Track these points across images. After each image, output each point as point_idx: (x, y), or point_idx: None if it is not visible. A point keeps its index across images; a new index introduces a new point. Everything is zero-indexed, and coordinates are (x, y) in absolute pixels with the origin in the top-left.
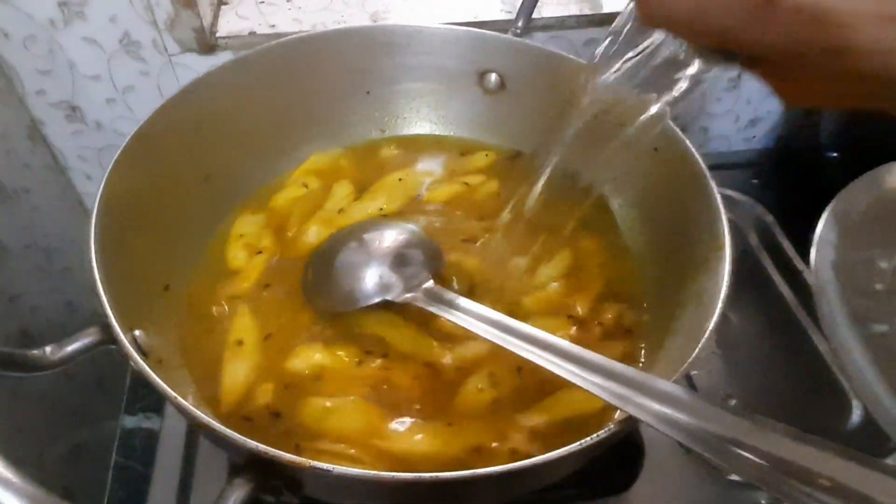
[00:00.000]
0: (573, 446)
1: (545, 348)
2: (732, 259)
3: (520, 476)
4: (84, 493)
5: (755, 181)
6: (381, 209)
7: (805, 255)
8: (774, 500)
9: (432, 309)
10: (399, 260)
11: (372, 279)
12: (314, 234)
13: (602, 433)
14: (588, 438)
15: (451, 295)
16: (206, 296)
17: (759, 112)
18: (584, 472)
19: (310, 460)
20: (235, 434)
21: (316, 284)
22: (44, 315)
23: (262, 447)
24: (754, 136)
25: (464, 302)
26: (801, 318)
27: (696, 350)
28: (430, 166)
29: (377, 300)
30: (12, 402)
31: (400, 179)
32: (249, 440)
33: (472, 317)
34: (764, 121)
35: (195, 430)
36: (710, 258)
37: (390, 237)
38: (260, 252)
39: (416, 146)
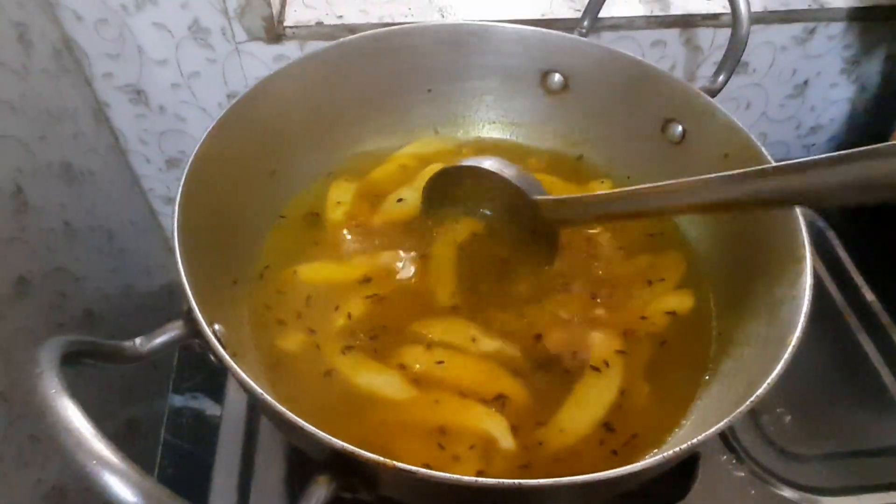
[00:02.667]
0: (656, 458)
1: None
2: (813, 272)
3: (601, 485)
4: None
5: None
6: None
7: (862, 267)
8: None
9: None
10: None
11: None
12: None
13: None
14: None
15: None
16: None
17: (822, 119)
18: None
19: (395, 462)
20: (321, 432)
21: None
22: (104, 295)
23: (348, 447)
24: (814, 144)
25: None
26: (856, 331)
27: (780, 366)
28: None
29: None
30: (71, 380)
31: None
32: (336, 439)
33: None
34: (826, 129)
35: (276, 425)
36: (788, 270)
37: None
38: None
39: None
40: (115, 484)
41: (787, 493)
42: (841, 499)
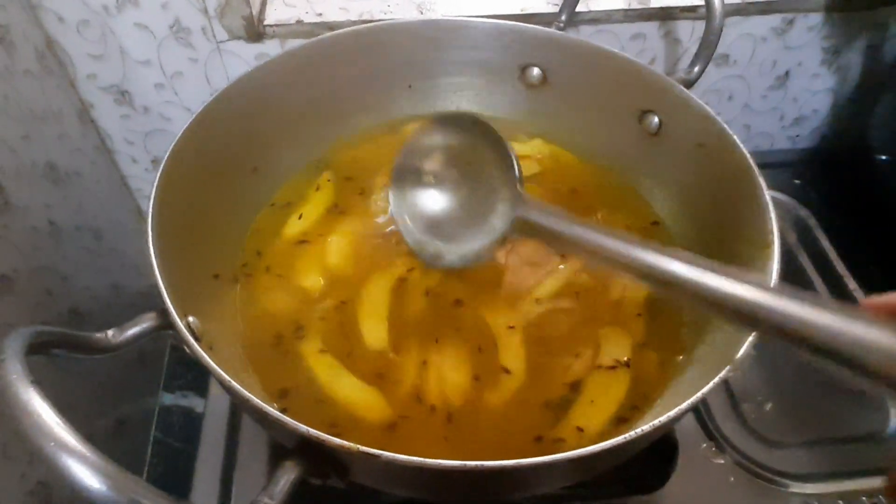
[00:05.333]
0: (630, 434)
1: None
2: (781, 258)
3: (573, 464)
4: (127, 467)
5: (797, 181)
6: None
7: (846, 258)
8: (806, 501)
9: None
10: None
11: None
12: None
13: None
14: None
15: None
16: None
17: (805, 110)
18: (620, 468)
19: (358, 445)
20: (287, 418)
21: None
22: (92, 294)
23: (312, 431)
24: (798, 135)
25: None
26: None
27: (746, 345)
28: None
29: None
30: (63, 379)
31: None
32: (300, 424)
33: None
34: (809, 119)
35: (246, 413)
36: (756, 256)
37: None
38: None
39: None
40: (75, 467)
41: (767, 479)
42: (820, 485)
